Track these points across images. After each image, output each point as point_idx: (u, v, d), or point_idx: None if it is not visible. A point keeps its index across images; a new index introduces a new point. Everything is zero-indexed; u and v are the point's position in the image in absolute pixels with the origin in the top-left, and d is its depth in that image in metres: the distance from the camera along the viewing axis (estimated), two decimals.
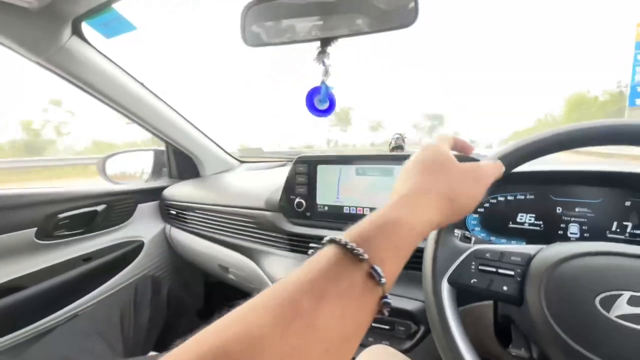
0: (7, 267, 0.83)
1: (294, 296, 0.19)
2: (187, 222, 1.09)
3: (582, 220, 0.55)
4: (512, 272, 0.37)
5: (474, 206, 0.31)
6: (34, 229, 0.86)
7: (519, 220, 0.60)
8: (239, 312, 0.20)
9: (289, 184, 0.81)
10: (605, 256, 0.33)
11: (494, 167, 0.35)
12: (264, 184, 0.96)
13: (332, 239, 0.23)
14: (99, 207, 0.99)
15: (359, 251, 0.21)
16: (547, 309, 0.33)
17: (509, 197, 0.60)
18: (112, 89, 0.90)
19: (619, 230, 0.52)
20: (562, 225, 0.56)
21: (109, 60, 0.88)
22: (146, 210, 1.16)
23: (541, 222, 0.58)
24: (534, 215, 0.58)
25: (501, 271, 0.38)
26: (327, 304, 0.19)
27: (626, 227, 0.51)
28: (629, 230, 0.51)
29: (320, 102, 0.50)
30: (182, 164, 1.25)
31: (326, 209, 0.77)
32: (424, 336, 0.60)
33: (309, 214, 0.79)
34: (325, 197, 0.77)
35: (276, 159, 1.38)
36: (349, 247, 0.22)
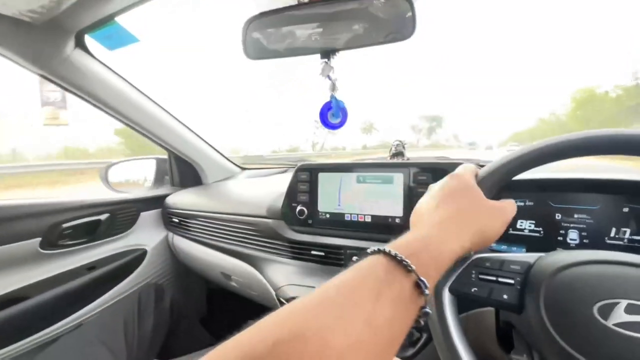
0: (12, 276, 0.83)
1: (355, 296, 0.22)
2: (190, 230, 1.09)
3: (581, 226, 0.55)
4: (511, 281, 0.38)
5: (496, 238, 0.35)
6: (38, 239, 0.87)
7: (518, 226, 0.60)
8: (301, 306, 0.22)
9: (291, 191, 0.82)
10: (602, 265, 0.34)
11: (511, 205, 0.39)
12: (265, 192, 0.97)
13: (380, 250, 0.25)
14: (103, 216, 1.00)
15: (408, 263, 0.24)
16: (547, 316, 0.33)
17: (514, 203, 0.61)
18: (115, 99, 0.91)
19: (617, 236, 0.53)
20: (561, 231, 0.57)
21: (112, 71, 0.89)
22: (149, 218, 1.17)
23: (541, 229, 0.59)
24: (534, 221, 0.59)
25: (501, 280, 0.38)
26: (383, 306, 0.22)
27: (625, 233, 0.52)
28: (627, 236, 0.52)
29: (333, 116, 0.52)
30: (184, 171, 1.26)
31: (327, 216, 0.77)
32: (427, 343, 0.60)
33: (310, 222, 0.79)
34: (326, 205, 0.77)
35: (277, 166, 1.39)
36: (399, 258, 0.24)
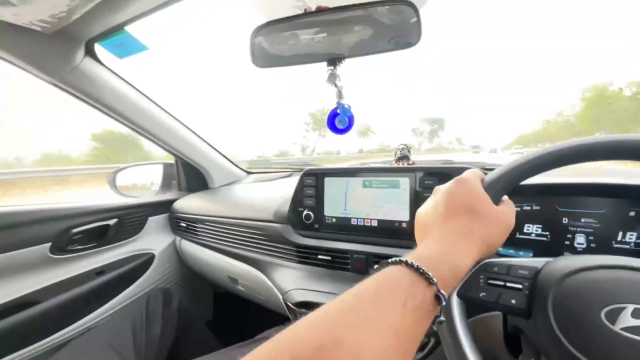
0: (23, 281, 0.85)
1: (384, 306, 0.23)
2: (197, 235, 1.10)
3: (588, 230, 0.55)
4: (519, 286, 0.38)
5: (500, 246, 0.36)
6: (48, 244, 0.88)
7: (525, 230, 0.60)
8: (336, 312, 0.23)
9: (297, 196, 0.83)
10: (610, 270, 0.34)
11: (512, 210, 0.39)
12: (271, 196, 0.98)
13: (402, 261, 0.27)
14: (111, 221, 1.01)
15: (430, 276, 0.26)
16: (555, 321, 0.33)
17: (516, 208, 0.61)
18: (124, 106, 0.93)
19: (624, 240, 0.53)
20: (568, 235, 0.57)
21: (121, 78, 0.91)
22: (156, 223, 1.18)
23: (548, 233, 0.59)
24: (541, 226, 0.59)
25: (509, 285, 0.39)
26: (407, 316, 0.23)
27: (632, 237, 0.52)
28: (634, 240, 0.52)
29: (340, 122, 0.53)
30: (191, 176, 1.28)
31: (334, 220, 0.78)
32: (435, 347, 0.60)
33: (317, 226, 0.80)
34: (332, 209, 0.78)
35: (282, 170, 1.40)
36: (422, 270, 0.26)
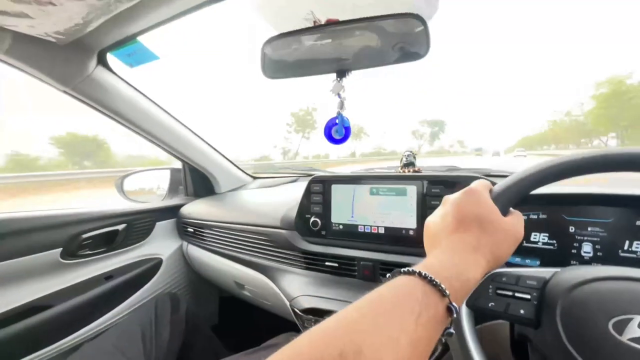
0: (34, 285, 0.86)
1: (400, 317, 0.23)
2: (204, 240, 1.11)
3: (595, 239, 0.56)
4: (528, 296, 0.39)
5: (508, 259, 0.36)
6: (59, 249, 0.89)
7: (532, 239, 0.61)
8: (353, 322, 0.23)
9: (304, 203, 0.84)
10: (617, 281, 0.35)
11: (521, 222, 0.40)
12: (277, 202, 0.99)
13: (414, 271, 0.27)
14: (120, 227, 1.03)
15: (444, 288, 0.26)
16: (564, 332, 0.34)
17: (523, 217, 0.61)
18: (135, 113, 0.95)
19: (631, 249, 0.53)
20: (575, 244, 0.57)
21: (131, 86, 0.93)
22: (164, 228, 1.20)
23: (555, 241, 0.59)
24: (548, 234, 0.60)
25: (518, 295, 0.39)
26: (421, 327, 0.24)
27: (638, 246, 0.52)
28: None
29: (336, 132, 0.53)
30: (198, 181, 1.29)
31: (341, 227, 0.79)
32: (443, 354, 0.61)
33: (324, 233, 0.81)
34: (339, 216, 0.79)
35: (287, 175, 1.41)
36: (435, 283, 0.26)
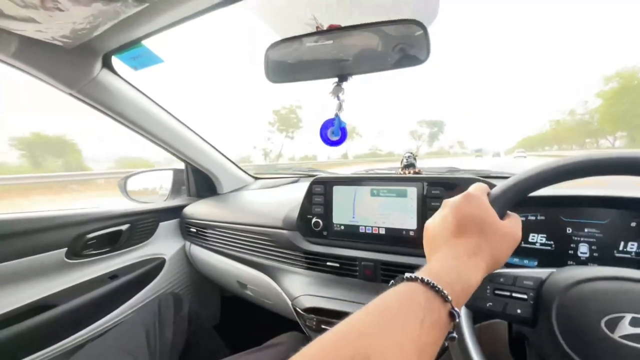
0: (40, 285, 0.87)
1: (405, 323, 0.24)
2: (207, 240, 1.13)
3: (591, 240, 0.57)
4: (525, 296, 0.40)
5: (507, 259, 0.37)
6: (64, 249, 0.91)
7: (530, 240, 0.62)
8: (360, 327, 0.24)
9: (306, 204, 0.85)
10: (610, 281, 0.36)
11: (519, 225, 0.40)
12: (280, 202, 1.00)
13: (417, 277, 0.28)
14: (124, 227, 1.04)
15: (446, 294, 0.27)
16: (559, 330, 0.35)
17: (521, 218, 0.62)
18: (139, 115, 0.96)
19: (625, 249, 0.54)
20: (572, 245, 0.59)
21: (136, 89, 0.94)
22: (167, 228, 1.21)
23: (552, 242, 0.60)
24: (545, 235, 0.61)
25: (515, 295, 0.40)
26: (425, 332, 0.24)
27: (632, 247, 0.54)
28: (635, 249, 0.54)
29: (332, 133, 0.54)
30: (200, 182, 1.30)
31: (342, 228, 0.80)
32: (441, 353, 0.62)
33: (325, 233, 0.82)
34: (341, 217, 0.80)
35: (289, 175, 1.42)
36: (437, 288, 0.27)
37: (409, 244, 0.71)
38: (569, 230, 0.59)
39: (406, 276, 0.29)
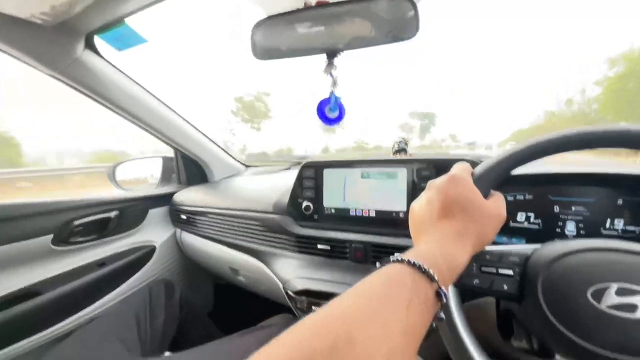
0: (26, 272, 0.86)
1: (391, 304, 0.23)
2: (198, 227, 1.12)
3: (579, 218, 0.58)
4: (511, 272, 0.40)
5: (493, 239, 0.37)
6: (50, 236, 0.89)
7: (518, 219, 0.62)
8: (343, 311, 0.23)
9: (297, 188, 0.84)
10: (594, 252, 0.36)
11: (502, 204, 0.40)
12: (271, 188, 1.00)
13: (403, 259, 0.27)
14: (112, 214, 1.02)
15: (432, 274, 0.26)
16: (545, 303, 0.36)
17: (509, 198, 0.63)
18: (124, 99, 0.93)
19: (612, 227, 0.55)
20: (559, 223, 0.59)
21: (120, 71, 0.91)
22: (157, 215, 1.19)
23: (540, 221, 0.61)
24: (533, 214, 0.61)
25: (501, 271, 0.41)
26: (412, 314, 0.24)
27: (619, 224, 0.54)
28: (621, 227, 0.54)
29: (330, 111, 0.53)
30: (191, 170, 1.29)
31: (333, 211, 0.80)
32: (430, 333, 0.62)
33: (316, 217, 0.81)
34: (331, 200, 0.80)
35: (281, 163, 1.41)
36: (424, 269, 0.27)
37: (400, 225, 0.71)
38: (557, 208, 0.59)
39: (392, 258, 0.28)
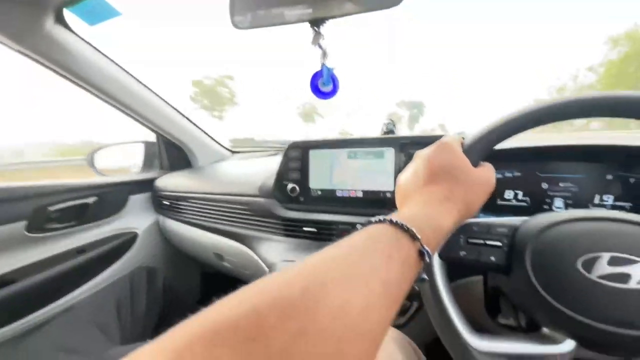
0: (0, 259, 0.82)
1: (370, 256, 0.22)
2: (181, 212, 1.09)
3: (567, 194, 0.57)
4: (499, 243, 0.39)
5: (479, 209, 0.36)
6: (24, 222, 0.85)
7: (506, 197, 0.61)
8: (319, 262, 0.21)
9: (282, 170, 0.82)
10: (584, 221, 0.35)
11: (492, 173, 0.39)
12: (256, 171, 0.97)
13: (385, 219, 0.26)
14: (90, 199, 0.98)
15: (413, 231, 0.25)
16: (533, 274, 0.34)
17: (497, 175, 0.62)
18: (99, 77, 0.89)
19: (601, 203, 0.54)
20: (547, 200, 0.58)
21: (95, 48, 0.86)
22: (138, 201, 1.15)
23: (528, 198, 0.60)
24: (521, 191, 0.60)
25: (489, 242, 0.39)
26: (393, 267, 0.22)
27: (608, 200, 0.54)
28: (610, 202, 0.54)
29: (323, 84, 0.50)
30: (174, 155, 1.24)
31: (319, 193, 0.78)
32: (417, 311, 0.62)
33: (302, 199, 0.79)
34: (318, 182, 0.77)
35: (267, 148, 1.38)
36: (406, 227, 0.25)
37: (388, 205, 0.70)
38: (545, 185, 0.58)
39: (374, 219, 0.27)
